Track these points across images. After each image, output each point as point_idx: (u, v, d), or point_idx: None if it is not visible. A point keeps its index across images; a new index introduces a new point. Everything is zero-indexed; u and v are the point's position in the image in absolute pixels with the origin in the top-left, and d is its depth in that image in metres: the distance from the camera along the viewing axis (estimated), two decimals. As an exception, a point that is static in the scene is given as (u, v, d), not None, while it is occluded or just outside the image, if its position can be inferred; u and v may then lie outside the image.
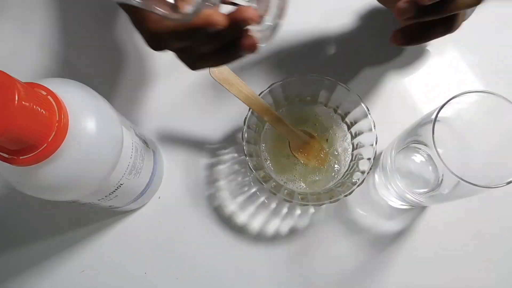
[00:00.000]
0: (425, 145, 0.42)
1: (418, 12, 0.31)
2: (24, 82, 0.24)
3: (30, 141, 0.24)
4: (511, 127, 0.32)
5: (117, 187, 0.32)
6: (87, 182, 0.29)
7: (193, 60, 0.29)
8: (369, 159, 0.38)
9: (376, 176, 0.43)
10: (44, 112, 0.24)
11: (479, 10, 0.42)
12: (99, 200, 0.32)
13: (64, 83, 0.28)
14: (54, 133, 0.25)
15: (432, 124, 0.31)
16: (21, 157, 0.24)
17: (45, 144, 0.25)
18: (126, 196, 0.36)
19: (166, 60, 0.47)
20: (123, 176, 0.32)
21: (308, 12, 0.48)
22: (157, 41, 0.27)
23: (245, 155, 0.37)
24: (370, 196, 0.43)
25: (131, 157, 0.32)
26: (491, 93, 0.31)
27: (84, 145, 0.27)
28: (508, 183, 0.29)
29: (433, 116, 0.31)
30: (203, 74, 0.33)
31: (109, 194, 0.32)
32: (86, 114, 0.27)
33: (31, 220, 0.42)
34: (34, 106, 0.23)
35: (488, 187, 0.30)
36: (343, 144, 0.42)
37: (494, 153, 0.34)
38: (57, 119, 0.25)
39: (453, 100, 0.32)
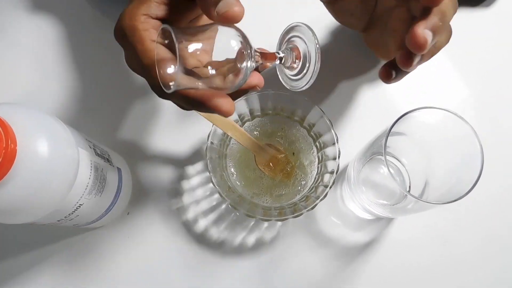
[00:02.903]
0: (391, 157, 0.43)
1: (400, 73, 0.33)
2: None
3: (-23, 169, 0.24)
4: (467, 148, 0.32)
5: (77, 208, 0.33)
6: (41, 205, 0.29)
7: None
8: (332, 172, 0.38)
9: (343, 188, 0.43)
10: (-11, 139, 0.25)
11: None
12: (58, 221, 0.33)
13: (14, 108, 0.28)
14: (1, 159, 0.25)
15: (385, 138, 0.31)
16: (-31, 184, 0.25)
17: (-7, 171, 0.25)
18: (89, 215, 0.36)
19: (133, 79, 0.47)
20: (82, 197, 0.32)
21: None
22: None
23: (208, 171, 0.37)
24: (338, 208, 0.43)
25: (89, 177, 0.33)
26: (443, 110, 0.32)
27: (35, 169, 0.27)
28: (456, 200, 0.29)
29: (387, 131, 0.31)
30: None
31: (69, 214, 0.32)
32: (37, 138, 0.28)
33: (-1, 238, 0.42)
34: (-21, 134, 0.24)
35: (439, 203, 0.30)
36: (309, 157, 0.42)
37: (453, 167, 0.35)
38: (4, 145, 0.25)
39: (410, 115, 0.32)
